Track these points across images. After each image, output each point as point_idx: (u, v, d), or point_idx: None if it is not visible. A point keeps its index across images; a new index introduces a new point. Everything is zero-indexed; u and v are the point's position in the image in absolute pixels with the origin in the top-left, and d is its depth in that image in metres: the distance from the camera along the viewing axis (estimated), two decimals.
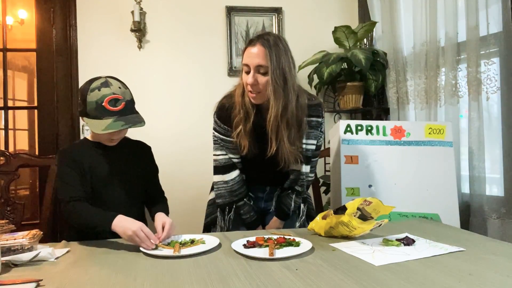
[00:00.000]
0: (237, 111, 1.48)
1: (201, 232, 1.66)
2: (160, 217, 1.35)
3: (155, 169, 1.60)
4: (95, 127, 1.33)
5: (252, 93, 1.43)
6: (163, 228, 1.27)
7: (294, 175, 1.58)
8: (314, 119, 1.55)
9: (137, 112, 1.41)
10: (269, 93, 1.40)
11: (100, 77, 1.38)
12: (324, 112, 1.55)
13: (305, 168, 1.58)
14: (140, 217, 1.47)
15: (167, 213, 1.45)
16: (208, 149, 1.67)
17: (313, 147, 1.58)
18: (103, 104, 1.32)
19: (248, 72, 1.42)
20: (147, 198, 1.54)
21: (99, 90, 1.34)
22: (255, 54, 1.39)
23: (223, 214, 1.61)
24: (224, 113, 1.53)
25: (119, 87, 1.37)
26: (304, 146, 1.54)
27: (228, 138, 1.53)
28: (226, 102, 1.53)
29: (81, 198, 1.35)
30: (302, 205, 1.65)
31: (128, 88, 1.42)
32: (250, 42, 1.43)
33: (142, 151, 1.57)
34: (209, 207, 1.71)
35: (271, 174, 1.57)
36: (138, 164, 1.51)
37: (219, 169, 1.58)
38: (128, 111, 1.36)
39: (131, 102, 1.39)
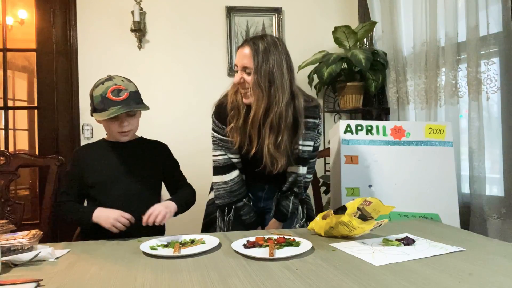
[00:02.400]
0: (230, 109, 1.50)
1: (200, 232, 1.66)
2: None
3: (173, 164, 1.62)
4: (100, 117, 1.40)
5: (242, 93, 1.46)
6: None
7: (292, 177, 1.58)
8: (310, 120, 1.54)
9: (143, 103, 1.46)
10: (251, 94, 1.42)
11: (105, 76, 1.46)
12: (322, 114, 1.55)
13: (302, 170, 1.58)
14: None
15: (179, 201, 1.46)
16: (208, 149, 1.67)
17: (310, 148, 1.58)
18: (106, 95, 1.38)
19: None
20: (170, 191, 1.59)
21: (102, 84, 1.42)
22: (243, 55, 1.43)
23: (222, 215, 1.61)
24: (221, 112, 1.53)
25: (122, 80, 1.44)
26: (300, 147, 1.54)
27: (226, 138, 1.53)
28: (223, 101, 1.54)
29: (68, 200, 1.46)
30: (301, 207, 1.65)
31: (132, 82, 1.47)
32: (242, 43, 1.47)
33: (157, 149, 1.61)
34: (208, 207, 1.71)
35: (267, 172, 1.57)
36: (152, 161, 1.55)
37: (218, 169, 1.58)
38: (132, 101, 1.41)
39: (135, 93, 1.45)
